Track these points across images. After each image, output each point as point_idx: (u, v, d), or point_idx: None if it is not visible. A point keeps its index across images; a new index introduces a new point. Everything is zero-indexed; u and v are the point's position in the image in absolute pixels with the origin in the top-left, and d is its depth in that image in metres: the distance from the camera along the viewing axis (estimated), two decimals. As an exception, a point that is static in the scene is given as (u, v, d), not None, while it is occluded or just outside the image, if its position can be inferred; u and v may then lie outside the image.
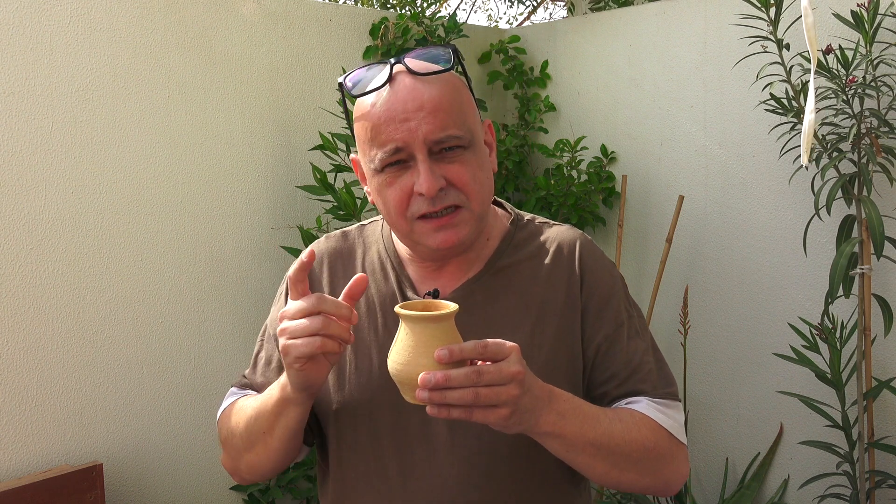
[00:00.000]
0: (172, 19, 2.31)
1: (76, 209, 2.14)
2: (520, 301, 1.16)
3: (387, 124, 1.05)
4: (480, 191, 1.09)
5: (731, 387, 2.67)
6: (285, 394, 1.06)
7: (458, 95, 1.08)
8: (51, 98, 2.09)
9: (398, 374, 0.94)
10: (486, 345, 0.91)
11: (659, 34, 2.78)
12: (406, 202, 1.07)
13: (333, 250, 1.26)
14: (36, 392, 2.07)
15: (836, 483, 2.34)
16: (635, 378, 1.15)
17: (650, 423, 1.11)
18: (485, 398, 0.89)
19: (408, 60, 1.07)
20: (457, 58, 1.09)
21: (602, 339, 1.15)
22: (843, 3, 2.23)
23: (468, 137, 1.07)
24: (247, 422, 1.15)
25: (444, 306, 0.96)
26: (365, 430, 1.15)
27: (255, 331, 2.48)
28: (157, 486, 2.31)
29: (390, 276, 1.20)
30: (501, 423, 0.93)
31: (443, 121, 1.04)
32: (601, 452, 1.03)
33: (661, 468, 1.11)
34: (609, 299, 1.17)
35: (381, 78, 1.07)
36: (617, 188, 2.91)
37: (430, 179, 1.04)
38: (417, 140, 1.04)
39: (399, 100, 1.05)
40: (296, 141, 2.60)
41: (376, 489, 1.14)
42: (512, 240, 1.21)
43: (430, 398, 0.89)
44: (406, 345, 0.93)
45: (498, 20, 7.82)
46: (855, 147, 2.19)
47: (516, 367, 0.91)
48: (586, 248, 1.20)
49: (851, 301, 2.32)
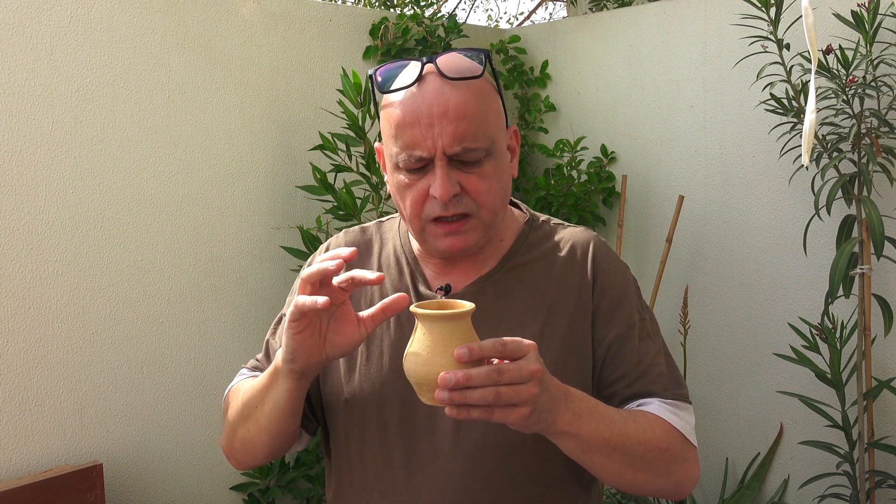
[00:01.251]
0: (172, 19, 2.31)
1: (76, 209, 2.14)
2: (531, 299, 1.16)
3: (411, 126, 1.06)
4: (493, 200, 1.11)
5: (731, 387, 2.68)
6: (276, 364, 1.07)
7: (483, 104, 1.09)
8: (51, 98, 2.09)
9: (416, 374, 0.92)
10: (505, 343, 0.91)
11: (659, 34, 2.78)
12: (422, 203, 1.09)
13: (352, 244, 1.27)
14: (36, 392, 2.07)
15: (836, 483, 2.34)
16: (646, 379, 1.15)
17: (663, 423, 1.11)
18: (506, 397, 0.89)
19: (440, 61, 1.08)
20: (489, 64, 1.10)
21: (613, 339, 1.15)
22: (843, 3, 2.23)
23: (488, 147, 1.08)
24: (243, 397, 1.17)
25: (460, 305, 0.95)
26: (373, 422, 1.15)
27: (256, 331, 2.50)
28: (157, 486, 2.31)
29: (405, 272, 1.21)
30: (521, 422, 0.92)
31: (464, 131, 1.06)
32: (616, 453, 1.03)
33: (673, 470, 1.11)
34: (621, 300, 1.18)
35: (411, 76, 1.08)
36: (617, 188, 2.91)
37: (445, 186, 1.06)
38: (439, 146, 1.06)
39: (425, 102, 1.06)
40: (296, 141, 2.60)
41: (382, 481, 1.14)
42: (526, 239, 1.22)
43: (450, 398, 0.88)
44: (423, 345, 0.92)
45: (498, 20, 7.83)
46: (855, 147, 2.19)
47: (535, 365, 0.91)
48: (600, 249, 1.21)
49: (851, 301, 2.32)
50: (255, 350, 2.51)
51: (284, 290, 2.57)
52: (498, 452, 1.11)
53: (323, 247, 1.30)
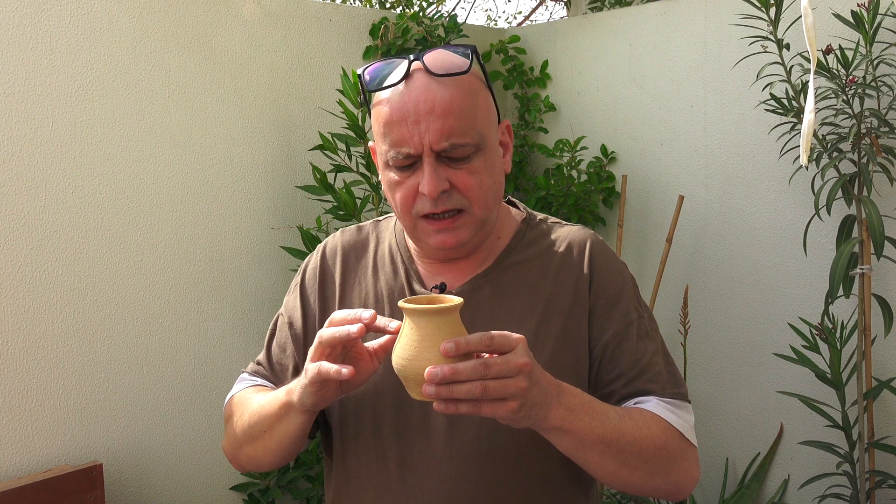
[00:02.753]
0: (172, 19, 2.31)
1: (76, 209, 2.13)
2: (527, 298, 1.16)
3: (398, 123, 1.06)
4: (485, 196, 1.10)
5: (731, 387, 2.67)
6: (290, 401, 1.07)
7: (472, 99, 1.09)
8: (51, 98, 2.09)
9: (403, 369, 0.93)
10: (493, 337, 0.90)
11: (659, 34, 2.78)
12: (412, 200, 1.10)
13: (348, 243, 1.27)
14: (36, 392, 2.07)
15: (836, 483, 2.34)
16: (644, 378, 1.14)
17: (660, 421, 1.10)
18: (493, 391, 0.88)
19: (426, 58, 1.08)
20: (476, 59, 1.10)
21: (610, 338, 1.15)
22: (843, 3, 2.23)
23: (477, 142, 1.08)
24: (250, 416, 1.16)
25: (449, 300, 0.95)
26: (367, 421, 1.15)
27: (256, 331, 2.50)
28: (157, 486, 2.31)
29: (399, 270, 1.21)
30: (510, 416, 0.92)
31: (451, 127, 1.05)
32: (611, 450, 1.02)
33: (671, 469, 1.10)
34: (618, 299, 1.17)
35: (398, 74, 1.08)
36: (617, 188, 2.91)
37: (432, 182, 1.06)
38: (426, 143, 1.06)
39: (412, 99, 1.06)
40: (296, 141, 2.60)
41: (376, 481, 1.14)
42: (523, 238, 1.21)
43: (437, 393, 0.88)
44: (411, 340, 0.92)
45: (497, 19, 7.82)
46: (855, 147, 2.19)
47: (524, 359, 0.90)
48: (597, 248, 1.20)
49: (851, 301, 2.32)
50: (255, 350, 2.50)
51: (284, 289, 2.56)
52: (492, 452, 1.10)
53: (319, 247, 1.30)
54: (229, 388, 1.31)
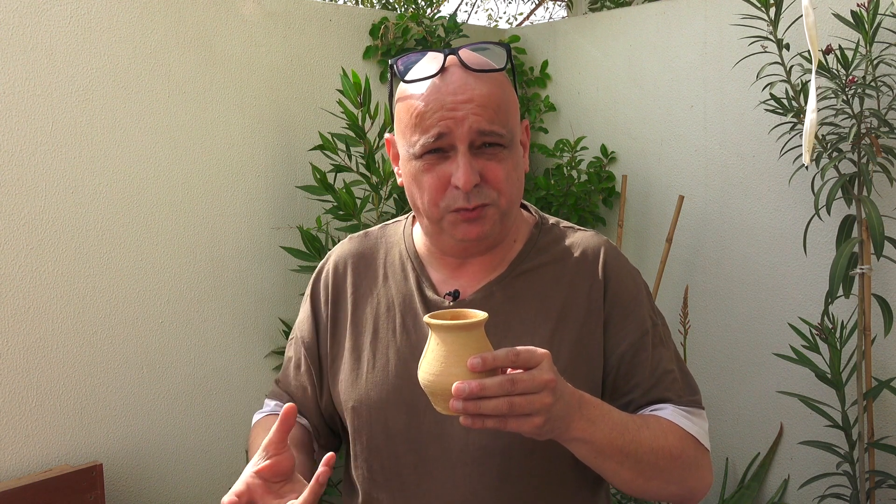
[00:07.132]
0: (172, 19, 2.31)
1: (76, 209, 2.14)
2: (540, 305, 1.15)
3: (434, 111, 1.06)
4: (511, 189, 1.10)
5: (731, 387, 2.67)
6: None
7: (504, 95, 1.09)
8: (51, 98, 2.09)
9: (430, 384, 0.93)
10: (518, 353, 0.90)
11: (659, 34, 2.78)
12: (442, 191, 1.08)
13: (356, 251, 1.27)
14: (36, 392, 2.07)
15: (836, 483, 2.34)
16: (661, 386, 1.14)
17: (677, 430, 1.10)
18: (519, 407, 0.88)
19: (462, 53, 1.08)
20: (509, 58, 1.11)
21: (627, 348, 1.14)
22: (843, 3, 2.23)
23: (509, 137, 1.08)
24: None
25: (473, 315, 0.95)
26: (380, 427, 1.15)
27: (256, 331, 2.50)
28: (157, 486, 2.31)
29: (410, 277, 1.20)
30: (534, 431, 0.92)
31: (490, 116, 1.06)
32: (629, 460, 1.03)
33: (686, 477, 1.11)
34: (633, 307, 1.16)
35: (435, 66, 1.08)
36: (617, 188, 2.91)
37: (468, 173, 1.05)
38: (463, 129, 1.05)
39: (449, 90, 1.06)
40: (296, 141, 2.60)
41: (391, 486, 1.14)
42: (536, 243, 1.20)
43: (464, 408, 0.88)
44: (437, 355, 0.92)
45: (498, 19, 7.83)
46: (855, 147, 2.19)
47: (549, 375, 0.90)
48: (611, 254, 1.20)
49: (851, 301, 2.32)
50: (255, 350, 2.52)
51: (284, 289, 2.57)
52: (507, 457, 1.11)
53: (328, 258, 1.29)
54: (229, 388, 1.32)
